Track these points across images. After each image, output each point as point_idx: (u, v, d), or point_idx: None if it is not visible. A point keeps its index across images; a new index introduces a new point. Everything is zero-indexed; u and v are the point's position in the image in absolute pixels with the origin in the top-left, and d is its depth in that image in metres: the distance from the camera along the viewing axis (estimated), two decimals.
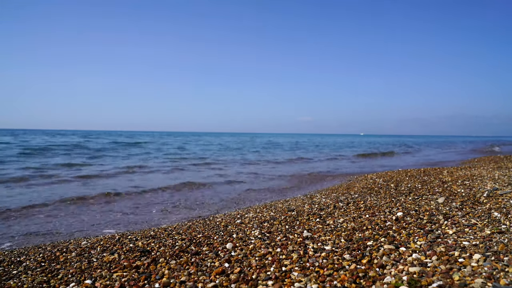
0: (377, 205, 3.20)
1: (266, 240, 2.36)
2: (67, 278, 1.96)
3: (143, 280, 1.81)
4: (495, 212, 2.49)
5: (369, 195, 3.86)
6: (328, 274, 1.67)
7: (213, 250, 2.21)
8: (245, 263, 1.94)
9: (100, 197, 5.24)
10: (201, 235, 2.63)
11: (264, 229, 2.68)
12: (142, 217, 4.05)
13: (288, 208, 3.55)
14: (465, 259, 1.64)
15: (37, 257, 2.43)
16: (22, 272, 2.14)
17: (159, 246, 2.41)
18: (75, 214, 4.20)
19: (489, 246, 1.78)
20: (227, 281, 1.70)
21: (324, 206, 3.44)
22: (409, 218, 2.57)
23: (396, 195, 3.66)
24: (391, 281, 1.51)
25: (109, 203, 4.89)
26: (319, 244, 2.16)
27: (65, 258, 2.34)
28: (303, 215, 3.06)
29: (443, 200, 3.10)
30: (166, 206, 4.67)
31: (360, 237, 2.20)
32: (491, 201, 2.86)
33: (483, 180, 4.07)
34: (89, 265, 2.16)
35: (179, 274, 1.85)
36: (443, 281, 1.44)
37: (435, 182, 4.35)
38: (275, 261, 1.90)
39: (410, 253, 1.82)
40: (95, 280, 1.88)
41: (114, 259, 2.22)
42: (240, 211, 3.74)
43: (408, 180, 4.79)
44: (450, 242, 1.93)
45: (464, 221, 2.36)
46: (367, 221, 2.63)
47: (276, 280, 1.66)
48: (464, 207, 2.78)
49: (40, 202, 4.78)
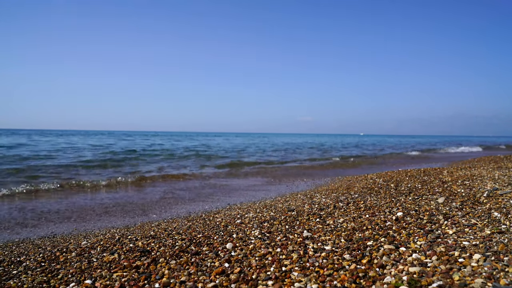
0: (377, 205, 3.20)
1: (266, 240, 2.36)
2: (67, 278, 1.96)
3: (143, 280, 1.81)
4: (495, 212, 2.48)
5: (369, 195, 3.86)
6: (328, 274, 1.67)
7: (213, 250, 2.21)
8: (245, 263, 1.94)
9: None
10: (201, 235, 2.63)
11: (264, 229, 2.68)
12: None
13: (288, 208, 3.55)
14: (465, 259, 1.64)
15: (37, 257, 2.43)
16: (22, 272, 2.14)
17: (159, 246, 2.41)
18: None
19: (489, 246, 1.78)
20: (227, 281, 1.70)
21: (324, 206, 3.44)
22: (409, 218, 2.57)
23: (396, 195, 3.66)
24: (391, 281, 1.51)
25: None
26: (319, 244, 2.16)
27: (65, 258, 2.34)
28: (303, 215, 3.06)
29: (443, 200, 3.10)
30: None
31: (360, 237, 2.20)
32: (491, 201, 2.86)
33: (483, 180, 4.07)
34: (89, 265, 2.16)
35: (179, 274, 1.85)
36: (443, 281, 1.44)
37: (435, 182, 4.35)
38: (275, 261, 1.90)
39: (410, 253, 1.82)
40: (95, 280, 1.88)
41: (114, 259, 2.22)
42: (240, 211, 3.74)
43: (408, 180, 4.79)
44: (450, 242, 1.93)
45: (464, 221, 2.36)
46: (367, 221, 2.63)
47: (276, 280, 1.66)
48: (464, 207, 2.78)
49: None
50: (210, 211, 4.05)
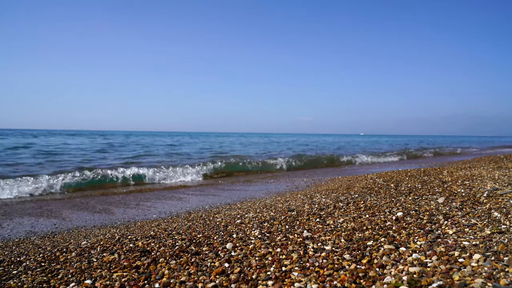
0: (377, 205, 3.20)
1: (266, 240, 2.36)
2: (67, 278, 1.96)
3: (143, 280, 1.81)
4: (495, 212, 2.48)
5: (369, 195, 3.85)
6: (328, 274, 1.67)
7: (213, 250, 2.21)
8: (245, 263, 1.94)
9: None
10: (201, 235, 2.63)
11: (264, 229, 2.68)
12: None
13: (288, 208, 3.55)
14: (465, 259, 1.64)
15: (37, 257, 2.43)
16: (22, 272, 2.14)
17: (159, 246, 2.41)
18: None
19: (489, 246, 1.78)
20: (227, 281, 1.70)
21: (324, 206, 3.44)
22: (409, 218, 2.57)
23: (396, 195, 3.66)
24: (391, 281, 1.51)
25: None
26: (319, 244, 2.16)
27: (65, 258, 2.34)
28: (303, 215, 3.06)
29: (443, 200, 3.10)
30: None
31: (360, 237, 2.20)
32: (491, 201, 2.86)
33: (483, 180, 4.07)
34: (89, 265, 2.16)
35: (179, 274, 1.85)
36: (443, 281, 1.44)
37: (435, 182, 4.35)
38: (275, 261, 1.90)
39: (410, 253, 1.82)
40: (95, 280, 1.88)
41: (114, 259, 2.22)
42: (240, 211, 3.74)
43: (408, 180, 4.79)
44: (450, 242, 1.93)
45: (464, 221, 2.36)
46: (367, 221, 2.63)
47: (276, 280, 1.66)
48: (464, 207, 2.78)
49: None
50: (210, 211, 4.04)
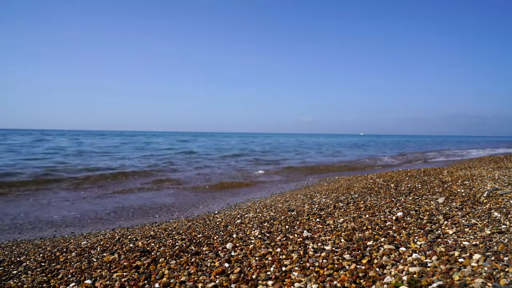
0: (377, 205, 3.20)
1: (266, 240, 2.36)
2: (67, 278, 1.96)
3: (143, 280, 1.81)
4: (495, 212, 2.48)
5: (369, 195, 3.85)
6: (328, 274, 1.67)
7: (213, 250, 2.21)
8: (245, 263, 1.94)
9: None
10: (201, 235, 2.63)
11: (264, 229, 2.68)
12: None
13: (288, 208, 3.55)
14: (465, 259, 1.64)
15: (37, 257, 2.43)
16: (22, 272, 2.14)
17: (159, 246, 2.41)
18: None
19: (489, 246, 1.78)
20: (227, 281, 1.70)
21: (324, 206, 3.44)
22: (409, 218, 2.57)
23: (396, 195, 3.66)
24: (391, 281, 1.51)
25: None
26: (319, 244, 2.16)
27: (65, 258, 2.34)
28: (303, 215, 3.06)
29: (443, 200, 3.10)
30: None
31: (360, 237, 2.20)
32: (491, 201, 2.86)
33: (483, 180, 4.07)
34: (89, 265, 2.15)
35: (179, 274, 1.85)
36: (443, 281, 1.44)
37: (435, 182, 4.34)
38: (275, 261, 1.90)
39: (410, 253, 1.82)
40: (95, 280, 1.88)
41: (114, 259, 2.22)
42: (240, 211, 3.74)
43: (408, 180, 4.79)
44: (450, 242, 1.93)
45: (464, 221, 2.36)
46: (367, 221, 2.63)
47: (276, 280, 1.66)
48: (464, 207, 2.78)
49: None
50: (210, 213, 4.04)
